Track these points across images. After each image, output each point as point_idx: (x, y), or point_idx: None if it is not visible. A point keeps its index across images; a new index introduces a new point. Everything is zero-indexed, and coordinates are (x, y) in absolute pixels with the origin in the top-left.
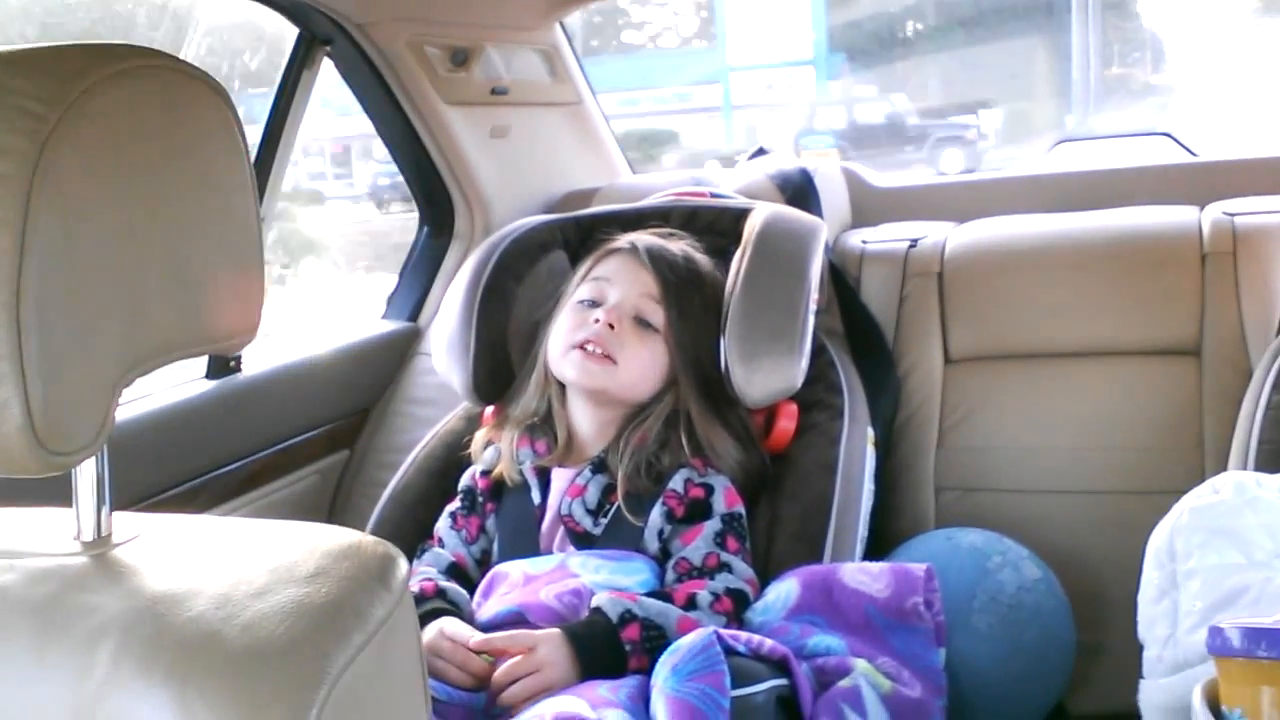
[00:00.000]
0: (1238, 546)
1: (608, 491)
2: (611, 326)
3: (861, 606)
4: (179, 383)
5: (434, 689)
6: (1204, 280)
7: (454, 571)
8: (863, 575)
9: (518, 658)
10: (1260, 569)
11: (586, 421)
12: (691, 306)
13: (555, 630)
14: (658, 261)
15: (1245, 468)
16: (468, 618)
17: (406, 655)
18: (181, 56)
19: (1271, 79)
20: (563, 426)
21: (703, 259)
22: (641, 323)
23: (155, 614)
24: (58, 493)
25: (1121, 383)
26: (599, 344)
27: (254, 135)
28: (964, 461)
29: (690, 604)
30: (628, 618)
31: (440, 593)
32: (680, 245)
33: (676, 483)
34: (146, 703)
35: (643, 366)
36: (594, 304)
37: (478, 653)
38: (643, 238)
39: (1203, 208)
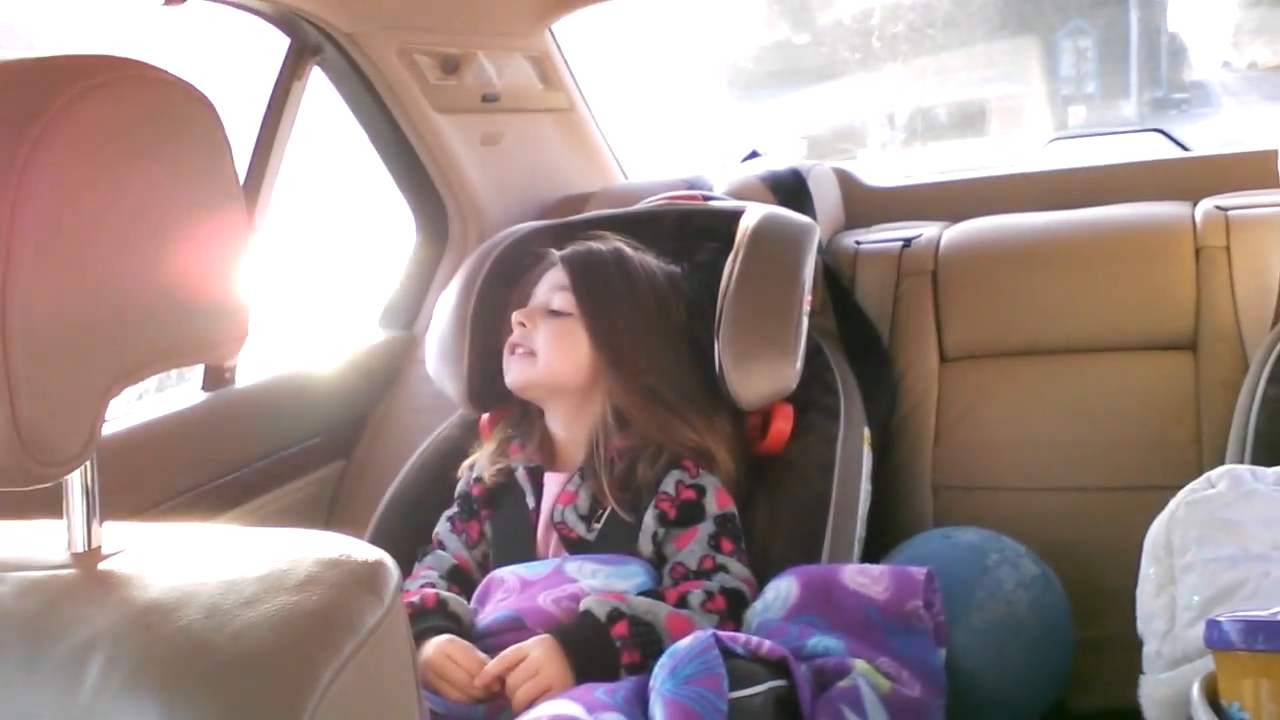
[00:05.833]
0: (1235, 540)
1: (599, 497)
2: (524, 325)
3: (861, 608)
4: (175, 395)
5: (431, 701)
6: (1198, 274)
7: (456, 575)
8: (863, 578)
9: (516, 669)
10: (1257, 562)
11: (560, 428)
12: (606, 290)
13: (545, 635)
14: (568, 256)
15: (1242, 461)
16: (468, 628)
17: (398, 664)
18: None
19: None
20: (542, 434)
21: (635, 254)
22: (553, 312)
23: (145, 625)
24: (52, 506)
25: (1117, 378)
26: (518, 343)
27: None
28: (961, 460)
29: (682, 603)
30: (615, 616)
31: (441, 604)
32: (611, 244)
33: (668, 484)
34: (135, 714)
35: (557, 348)
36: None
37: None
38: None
39: (1195, 203)
